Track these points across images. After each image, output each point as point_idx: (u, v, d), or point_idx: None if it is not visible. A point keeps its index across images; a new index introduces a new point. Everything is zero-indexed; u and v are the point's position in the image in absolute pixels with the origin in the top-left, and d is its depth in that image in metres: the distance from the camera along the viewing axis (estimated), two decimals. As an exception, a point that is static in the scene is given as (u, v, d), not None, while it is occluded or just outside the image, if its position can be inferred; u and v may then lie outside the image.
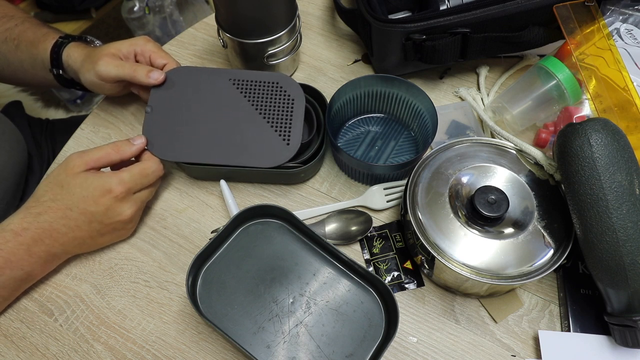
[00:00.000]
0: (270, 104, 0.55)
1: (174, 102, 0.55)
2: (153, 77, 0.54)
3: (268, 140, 0.53)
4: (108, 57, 0.55)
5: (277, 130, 0.54)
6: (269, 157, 0.53)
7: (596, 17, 0.54)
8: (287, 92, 0.55)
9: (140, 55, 0.57)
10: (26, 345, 0.50)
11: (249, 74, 0.56)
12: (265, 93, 0.55)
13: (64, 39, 0.60)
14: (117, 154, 0.51)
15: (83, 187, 0.48)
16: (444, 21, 0.56)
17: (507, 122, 0.59)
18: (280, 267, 0.50)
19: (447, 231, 0.46)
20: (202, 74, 0.56)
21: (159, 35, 1.48)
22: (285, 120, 0.54)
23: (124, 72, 0.55)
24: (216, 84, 0.56)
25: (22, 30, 0.63)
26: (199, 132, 0.54)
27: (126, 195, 0.50)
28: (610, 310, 0.45)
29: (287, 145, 0.53)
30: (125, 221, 0.51)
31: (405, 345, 0.49)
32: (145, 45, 0.57)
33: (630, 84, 0.50)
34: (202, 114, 0.55)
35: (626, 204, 0.40)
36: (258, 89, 0.55)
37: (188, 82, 0.56)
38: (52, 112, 1.07)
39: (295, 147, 0.53)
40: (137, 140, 0.52)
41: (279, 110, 0.54)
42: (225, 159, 0.53)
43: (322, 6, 0.76)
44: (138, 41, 0.58)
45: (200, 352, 0.49)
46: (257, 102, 0.55)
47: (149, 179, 0.52)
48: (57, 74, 0.61)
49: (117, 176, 0.49)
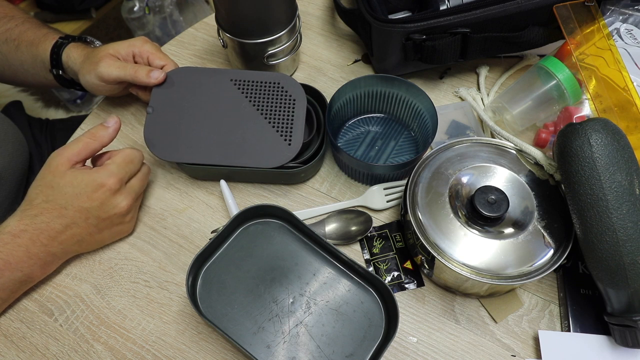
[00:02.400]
0: (272, 105, 0.55)
1: (175, 102, 0.55)
2: (154, 76, 0.54)
3: (269, 141, 0.53)
4: (108, 59, 0.55)
5: (279, 131, 0.54)
6: (271, 158, 0.53)
7: (596, 17, 0.54)
8: (288, 92, 0.55)
9: (139, 56, 0.57)
10: (26, 345, 0.50)
11: (250, 74, 0.56)
12: (267, 93, 0.55)
13: (64, 39, 0.60)
14: (96, 141, 0.50)
15: (74, 185, 0.48)
16: (444, 21, 0.56)
17: (507, 122, 0.59)
18: (280, 267, 0.50)
19: (447, 231, 0.46)
20: (203, 74, 0.56)
21: (159, 35, 1.48)
22: (287, 121, 0.54)
23: (125, 73, 0.55)
24: (217, 85, 0.56)
25: (23, 30, 0.63)
26: (200, 133, 0.54)
27: (120, 187, 0.50)
28: (610, 310, 0.45)
29: (288, 146, 0.53)
30: (123, 213, 0.51)
31: (405, 345, 0.49)
32: (143, 46, 0.57)
33: (630, 84, 0.50)
34: (203, 115, 0.55)
35: (626, 204, 0.40)
36: (259, 89, 0.55)
37: (189, 83, 0.56)
38: (52, 112, 1.07)
39: (296, 148, 0.53)
40: (111, 122, 0.51)
41: (281, 111, 0.54)
42: (227, 160, 0.53)
43: (322, 6, 0.76)
44: (136, 42, 0.58)
45: (200, 352, 0.49)
46: (258, 103, 0.55)
47: (135, 165, 0.52)
48: (57, 75, 0.61)
49: (105, 169, 0.49)
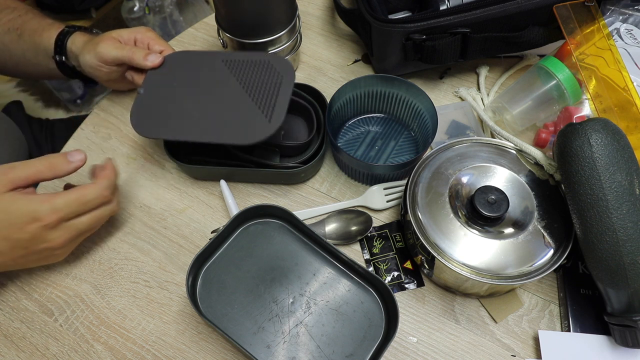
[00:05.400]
0: (258, 82, 0.53)
1: (166, 84, 0.55)
2: (150, 59, 0.55)
3: (249, 117, 0.51)
4: (109, 40, 0.56)
5: (260, 107, 0.51)
6: (248, 134, 0.50)
7: (596, 17, 0.54)
8: (277, 69, 0.53)
9: (140, 41, 0.58)
10: (26, 345, 0.50)
11: (242, 55, 0.55)
12: (255, 72, 0.54)
13: (70, 28, 0.61)
14: (50, 172, 0.46)
15: (8, 212, 0.43)
16: (444, 21, 0.56)
17: (507, 122, 0.59)
18: (280, 267, 0.50)
19: (447, 231, 0.46)
20: (197, 57, 0.56)
21: (159, 35, 1.48)
22: (270, 97, 0.51)
23: (122, 54, 0.55)
24: (209, 66, 0.55)
25: (26, 20, 0.63)
26: (182, 112, 0.53)
27: (58, 224, 0.45)
28: (610, 310, 0.45)
29: (268, 122, 0.50)
30: (54, 248, 0.46)
31: (405, 345, 0.49)
32: (146, 33, 0.59)
33: (630, 84, 0.50)
34: (190, 95, 0.54)
35: (626, 204, 0.40)
36: (249, 68, 0.54)
37: (182, 66, 0.56)
38: (52, 112, 1.07)
39: (276, 124, 0.50)
40: (76, 157, 0.47)
41: (266, 88, 0.52)
42: (203, 136, 0.51)
43: (322, 6, 0.76)
44: (139, 29, 0.59)
45: (200, 352, 0.49)
46: (246, 82, 0.53)
47: (88, 206, 0.47)
48: (60, 61, 0.61)
49: (49, 202, 0.44)
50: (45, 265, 0.54)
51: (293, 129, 0.62)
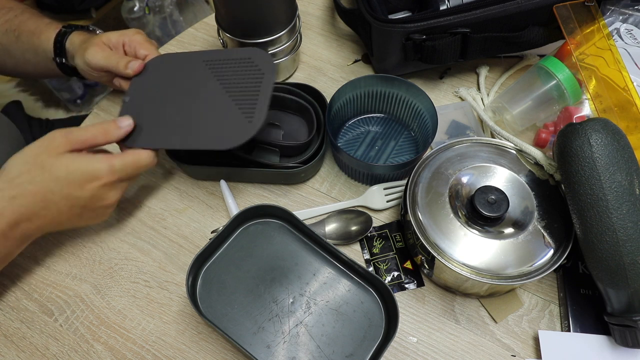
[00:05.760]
0: (239, 82, 0.51)
1: (150, 90, 0.54)
2: (131, 67, 0.54)
3: (229, 119, 0.49)
4: (97, 47, 0.56)
5: (241, 108, 0.49)
6: (228, 137, 0.48)
7: (596, 17, 0.54)
8: (258, 66, 0.51)
9: (128, 45, 0.58)
10: (26, 345, 0.50)
11: (222, 53, 0.54)
12: (236, 71, 0.52)
13: (67, 28, 0.61)
14: (103, 137, 0.48)
15: (69, 171, 0.45)
16: (444, 21, 0.56)
17: (507, 122, 0.59)
18: (280, 267, 0.50)
19: (447, 231, 0.46)
20: (179, 60, 0.55)
21: (159, 35, 1.48)
22: (251, 97, 0.49)
23: (107, 63, 0.55)
24: (191, 68, 0.54)
25: (22, 20, 0.63)
26: (166, 118, 0.52)
27: (115, 183, 0.48)
28: (610, 310, 0.45)
29: (249, 123, 0.48)
30: (108, 206, 0.50)
31: (405, 345, 0.49)
32: (134, 36, 0.58)
33: (630, 84, 0.50)
34: (172, 100, 0.53)
35: (626, 204, 0.40)
36: (230, 67, 0.52)
37: (165, 70, 0.55)
38: (52, 112, 1.07)
39: (257, 125, 0.47)
40: (124, 122, 0.50)
41: (247, 87, 0.50)
42: (184, 143, 0.50)
43: (322, 6, 0.76)
44: (128, 32, 0.58)
45: (200, 352, 0.49)
46: (226, 82, 0.52)
47: (140, 170, 0.50)
48: (60, 63, 0.61)
49: (109, 162, 0.47)
50: (48, 263, 0.54)
51: (293, 129, 0.62)
